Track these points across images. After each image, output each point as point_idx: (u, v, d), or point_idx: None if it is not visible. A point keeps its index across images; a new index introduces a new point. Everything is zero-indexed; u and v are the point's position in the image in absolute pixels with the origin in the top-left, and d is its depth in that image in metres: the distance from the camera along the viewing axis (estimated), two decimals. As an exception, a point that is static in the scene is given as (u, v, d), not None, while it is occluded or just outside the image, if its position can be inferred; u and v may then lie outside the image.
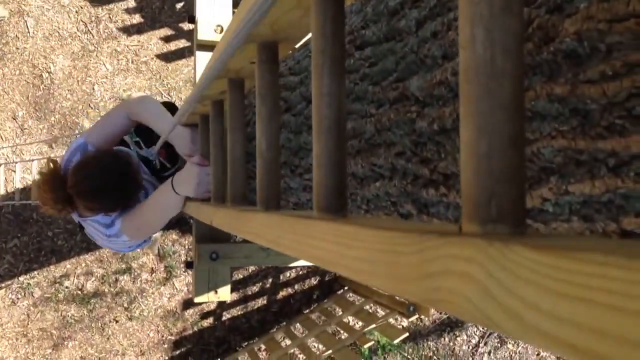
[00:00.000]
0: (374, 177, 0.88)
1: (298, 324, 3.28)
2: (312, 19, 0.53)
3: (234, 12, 1.78)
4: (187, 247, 3.27)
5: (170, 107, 1.75)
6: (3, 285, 3.06)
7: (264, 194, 0.74)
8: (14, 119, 3.05)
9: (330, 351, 2.79)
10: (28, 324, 3.09)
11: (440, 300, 0.28)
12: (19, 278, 3.08)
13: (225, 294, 2.13)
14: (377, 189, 0.88)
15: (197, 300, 2.11)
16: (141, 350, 3.22)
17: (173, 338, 3.27)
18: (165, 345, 3.26)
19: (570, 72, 0.49)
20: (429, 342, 3.64)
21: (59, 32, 3.11)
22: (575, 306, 0.20)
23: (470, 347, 3.69)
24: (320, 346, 3.05)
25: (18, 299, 3.08)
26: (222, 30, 1.98)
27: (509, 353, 3.72)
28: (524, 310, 0.23)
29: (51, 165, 1.57)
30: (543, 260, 0.22)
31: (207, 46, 2.00)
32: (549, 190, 0.55)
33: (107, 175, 1.50)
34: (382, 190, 0.86)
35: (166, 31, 3.24)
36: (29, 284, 3.09)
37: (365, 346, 2.98)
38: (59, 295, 3.12)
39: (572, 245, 0.22)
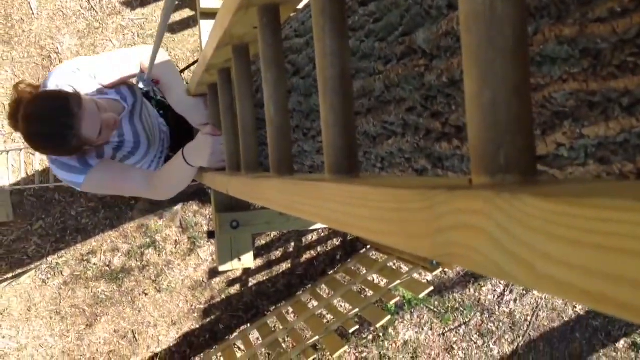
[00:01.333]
0: (387, 134, 0.88)
1: (324, 285, 3.31)
2: (309, -23, 0.52)
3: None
4: (208, 217, 3.30)
5: None
6: (33, 266, 3.13)
7: (276, 158, 0.74)
8: (27, 102, 3.06)
9: (357, 310, 2.83)
10: (60, 302, 3.17)
11: (451, 254, 0.28)
12: (47, 259, 3.14)
13: (248, 261, 2.16)
14: (390, 147, 0.87)
15: (221, 268, 2.14)
16: (172, 321, 3.30)
17: (202, 307, 3.34)
18: (195, 314, 3.33)
19: (578, 11, 0.47)
20: (454, 294, 3.67)
21: (62, 12, 3.09)
22: (586, 252, 0.20)
23: (496, 296, 3.71)
24: (347, 305, 3.09)
25: (48, 278, 3.15)
26: (224, -3, 1.95)
27: (535, 299, 3.74)
28: (535, 259, 0.23)
29: (25, 89, 1.46)
30: (551, 208, 0.21)
31: (211, 14, 1.98)
32: (563, 134, 0.54)
33: (46, 123, 1.36)
34: (396, 147, 0.86)
35: (169, 2, 3.20)
36: (57, 263, 3.15)
37: (392, 302, 3.01)
38: (87, 272, 3.19)
39: (580, 191, 0.21)
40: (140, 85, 1.63)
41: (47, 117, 1.36)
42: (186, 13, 3.22)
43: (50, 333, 3.16)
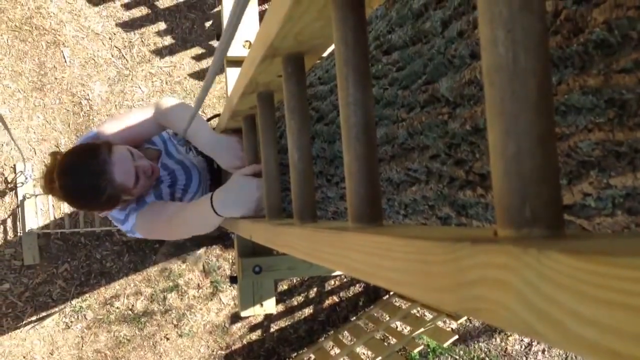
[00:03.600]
0: (410, 181, 0.87)
1: (346, 332, 3.26)
2: (333, 29, 0.53)
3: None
4: (231, 261, 3.29)
5: None
6: (57, 309, 3.14)
7: (298, 205, 0.74)
8: (57, 147, 3.13)
9: (379, 358, 2.77)
10: (82, 346, 3.16)
11: (477, 309, 0.27)
12: (72, 302, 3.15)
13: (270, 306, 2.14)
14: (413, 194, 0.87)
15: (243, 314, 2.12)
16: (193, 366, 3.26)
17: (223, 352, 3.30)
18: (216, 360, 3.29)
19: (602, 62, 0.47)
20: (480, 344, 3.58)
21: (94, 60, 3.19)
22: (616, 312, 0.20)
23: (523, 347, 3.61)
24: (370, 353, 3.03)
25: (72, 322, 3.16)
26: (250, 46, 1.99)
27: (564, 350, 3.62)
28: (565, 318, 0.22)
29: (50, 159, 1.50)
30: (580, 266, 0.21)
31: (237, 62, 2.02)
32: (590, 184, 0.53)
33: (79, 173, 1.36)
34: (419, 194, 0.85)
35: (197, 50, 3.29)
36: (81, 307, 3.16)
37: (415, 351, 2.94)
38: (110, 316, 3.19)
39: (610, 249, 0.21)
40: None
41: (79, 167, 1.35)
42: (213, 60, 3.29)
43: (71, 377, 3.14)
